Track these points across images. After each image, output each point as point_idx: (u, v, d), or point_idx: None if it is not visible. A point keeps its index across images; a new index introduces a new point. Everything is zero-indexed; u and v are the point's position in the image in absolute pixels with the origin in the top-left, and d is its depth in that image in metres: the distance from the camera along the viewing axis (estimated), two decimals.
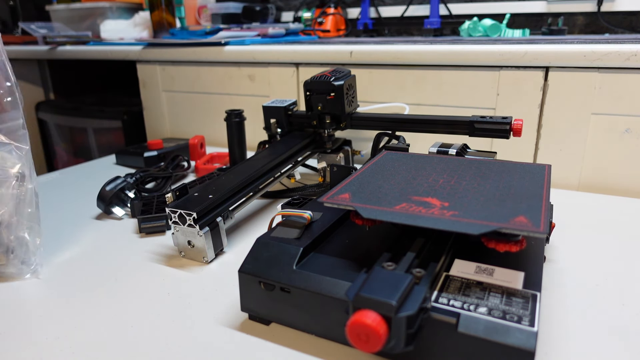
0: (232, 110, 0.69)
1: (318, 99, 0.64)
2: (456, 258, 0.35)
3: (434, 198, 0.36)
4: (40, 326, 0.37)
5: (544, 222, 0.31)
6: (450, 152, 0.51)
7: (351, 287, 0.30)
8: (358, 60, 0.78)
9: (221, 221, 0.48)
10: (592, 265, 0.45)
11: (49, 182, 0.74)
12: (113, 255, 0.49)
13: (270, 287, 0.35)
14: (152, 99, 1.04)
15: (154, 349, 0.34)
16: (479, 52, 0.69)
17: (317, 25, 1.22)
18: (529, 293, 0.31)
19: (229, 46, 0.89)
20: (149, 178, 0.68)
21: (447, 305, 0.30)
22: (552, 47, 0.65)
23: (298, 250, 0.36)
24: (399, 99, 0.78)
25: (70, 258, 0.49)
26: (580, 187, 0.69)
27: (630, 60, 0.61)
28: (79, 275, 0.45)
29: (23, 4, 1.43)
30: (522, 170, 0.43)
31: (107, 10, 1.22)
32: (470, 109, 0.73)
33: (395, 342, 0.27)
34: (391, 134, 0.65)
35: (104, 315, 0.38)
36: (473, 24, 1.05)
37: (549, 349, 0.33)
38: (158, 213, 0.54)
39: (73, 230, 0.56)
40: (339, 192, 0.38)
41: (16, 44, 1.30)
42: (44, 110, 1.32)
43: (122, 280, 0.44)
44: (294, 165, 0.63)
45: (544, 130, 0.69)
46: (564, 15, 1.11)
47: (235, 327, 0.37)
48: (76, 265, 0.47)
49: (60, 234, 0.55)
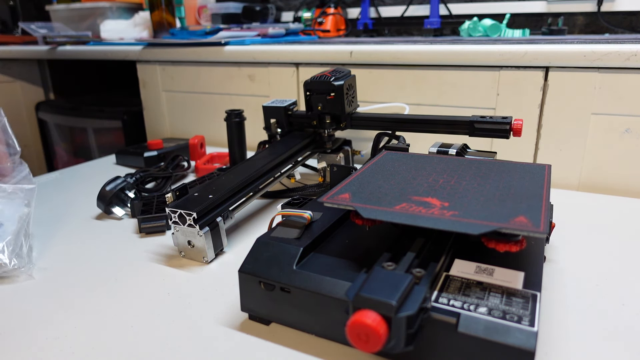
0: (232, 110, 0.69)
1: (318, 99, 0.64)
2: (456, 258, 0.35)
3: (434, 198, 0.36)
4: (40, 326, 0.37)
5: (544, 222, 0.31)
6: (450, 152, 0.51)
7: (351, 287, 0.30)
8: (358, 60, 0.78)
9: (221, 221, 0.48)
10: (592, 265, 0.45)
11: (49, 182, 0.74)
12: (113, 255, 0.49)
13: (270, 287, 0.35)
14: (152, 99, 1.04)
15: (154, 349, 0.34)
16: (479, 52, 0.69)
17: (317, 25, 1.22)
18: (529, 293, 0.31)
19: (229, 46, 0.89)
20: (149, 178, 0.68)
21: (447, 305, 0.30)
22: (552, 47, 0.65)
23: (298, 250, 0.36)
24: (399, 99, 0.78)
25: (70, 258, 0.49)
26: (580, 187, 0.69)
27: (630, 60, 0.61)
28: (79, 275, 0.45)
29: (23, 4, 1.43)
30: (522, 170, 0.43)
31: (107, 10, 1.22)
32: (470, 109, 0.73)
33: (395, 342, 0.27)
34: (391, 134, 0.65)
35: (104, 315, 0.38)
36: (473, 24, 1.05)
37: (549, 349, 0.33)
38: (158, 213, 0.54)
39: (73, 230, 0.56)
40: (339, 192, 0.38)
41: (16, 44, 1.30)
42: (44, 110, 1.32)
43: (122, 280, 0.44)
44: (294, 165, 0.63)
45: (544, 130, 0.69)
46: (564, 15, 1.11)
47: (235, 327, 0.37)
48: (76, 265, 0.47)
49: (60, 234, 0.55)
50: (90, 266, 0.47)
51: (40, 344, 0.35)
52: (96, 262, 0.48)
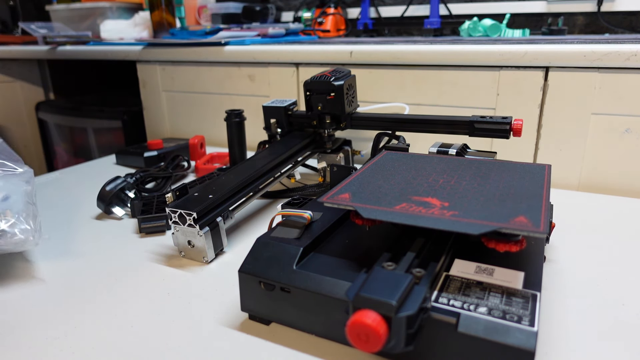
0: (232, 110, 0.69)
1: (318, 99, 0.64)
2: (456, 258, 0.35)
3: (434, 198, 0.36)
4: (41, 326, 0.37)
5: (544, 222, 0.31)
6: (450, 152, 0.51)
7: (351, 287, 0.30)
8: (358, 60, 0.78)
9: (221, 221, 0.48)
10: (592, 265, 0.45)
11: (49, 182, 0.74)
12: (113, 255, 0.49)
13: (270, 287, 0.35)
14: (152, 99, 1.04)
15: (154, 349, 0.34)
16: (479, 52, 0.69)
17: (317, 25, 1.22)
18: (529, 293, 0.31)
19: (229, 46, 0.89)
20: (149, 178, 0.68)
21: (447, 305, 0.30)
22: (552, 47, 0.65)
23: (298, 250, 0.36)
24: (399, 99, 0.78)
25: (70, 258, 0.49)
26: (580, 187, 0.69)
27: (630, 60, 0.61)
28: (79, 275, 0.45)
29: (23, 4, 1.43)
30: (522, 170, 0.43)
31: (107, 10, 1.22)
32: (470, 109, 0.73)
33: (395, 342, 0.27)
34: (391, 134, 0.65)
35: (104, 315, 0.38)
36: (473, 24, 1.05)
37: (549, 349, 0.33)
38: (158, 213, 0.54)
39: (73, 230, 0.56)
40: (339, 192, 0.38)
41: (16, 44, 1.30)
42: (44, 110, 1.32)
43: (122, 280, 0.44)
44: (294, 165, 0.63)
45: (544, 130, 0.69)
46: (564, 15, 1.11)
47: (235, 327, 0.37)
48: (76, 265, 0.47)
49: (60, 233, 0.55)
50: (90, 266, 0.47)
51: (41, 344, 0.35)
52: (96, 262, 0.48)
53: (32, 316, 0.39)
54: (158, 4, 1.05)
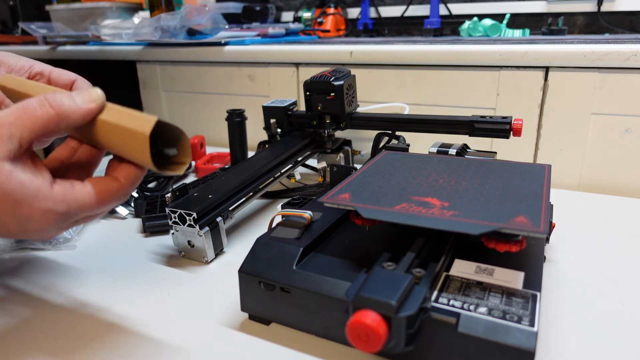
0: (233, 110, 0.69)
1: (318, 99, 0.64)
2: (456, 258, 0.35)
3: (434, 198, 0.36)
4: (40, 326, 0.37)
5: (544, 222, 0.31)
6: (450, 152, 0.51)
7: (351, 287, 0.30)
8: (358, 60, 0.78)
9: (221, 221, 0.48)
10: (592, 265, 0.45)
11: None
12: (113, 255, 0.49)
13: (270, 287, 0.35)
14: (152, 99, 1.04)
15: (154, 349, 0.34)
16: (479, 52, 0.69)
17: (317, 25, 1.22)
18: (529, 293, 0.31)
19: (229, 46, 0.89)
20: (150, 177, 0.68)
21: (447, 305, 0.30)
22: (552, 47, 0.65)
23: (298, 250, 0.36)
24: (399, 99, 0.78)
25: (70, 258, 0.49)
26: (580, 187, 0.69)
27: (630, 60, 0.61)
28: (79, 275, 0.45)
29: (23, 4, 1.43)
30: (522, 170, 0.43)
31: (107, 10, 1.22)
32: (470, 109, 0.73)
33: (395, 342, 0.27)
34: (391, 134, 0.65)
35: (104, 315, 0.38)
36: (473, 24, 1.05)
37: (549, 349, 0.33)
38: (162, 212, 0.55)
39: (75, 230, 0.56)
40: (339, 192, 0.38)
41: (16, 44, 1.30)
42: None
43: (122, 280, 0.44)
44: (294, 165, 0.63)
45: (544, 130, 0.69)
46: (564, 15, 1.11)
47: (235, 327, 0.37)
48: (76, 265, 0.47)
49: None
50: (90, 266, 0.47)
51: (40, 344, 0.35)
52: (96, 261, 0.48)
53: (31, 316, 0.39)
54: (158, 4, 1.05)
